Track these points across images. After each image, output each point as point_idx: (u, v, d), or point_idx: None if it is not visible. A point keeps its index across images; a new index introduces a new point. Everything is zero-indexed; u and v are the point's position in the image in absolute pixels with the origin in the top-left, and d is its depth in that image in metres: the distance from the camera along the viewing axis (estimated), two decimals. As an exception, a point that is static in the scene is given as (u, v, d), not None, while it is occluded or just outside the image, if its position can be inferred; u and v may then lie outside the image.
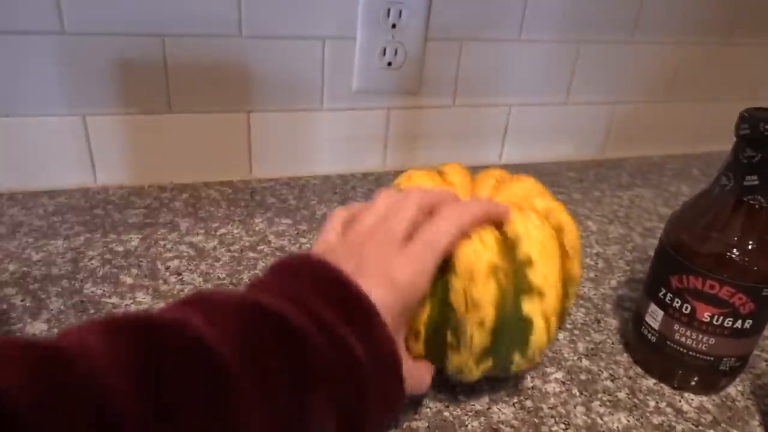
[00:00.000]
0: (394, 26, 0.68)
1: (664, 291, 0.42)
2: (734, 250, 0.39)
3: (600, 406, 0.42)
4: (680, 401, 0.43)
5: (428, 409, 0.40)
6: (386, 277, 0.31)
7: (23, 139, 0.62)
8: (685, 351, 0.42)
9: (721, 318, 0.40)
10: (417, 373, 0.35)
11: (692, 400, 0.43)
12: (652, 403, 0.43)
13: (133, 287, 0.50)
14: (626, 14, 0.79)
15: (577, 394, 0.43)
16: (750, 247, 0.38)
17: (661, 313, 0.43)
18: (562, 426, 0.40)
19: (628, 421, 0.41)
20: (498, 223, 0.36)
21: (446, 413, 0.40)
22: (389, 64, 0.70)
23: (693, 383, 0.43)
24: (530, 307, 0.35)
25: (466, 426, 0.39)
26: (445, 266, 0.34)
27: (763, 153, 0.37)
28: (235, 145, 0.70)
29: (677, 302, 0.42)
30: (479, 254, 0.34)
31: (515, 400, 0.42)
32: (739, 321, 0.40)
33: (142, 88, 0.63)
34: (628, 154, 0.91)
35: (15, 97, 0.60)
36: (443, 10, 0.70)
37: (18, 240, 0.56)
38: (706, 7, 0.82)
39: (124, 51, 0.61)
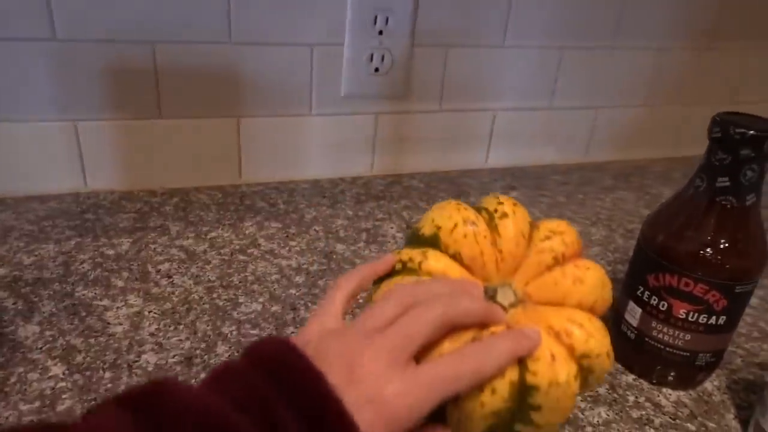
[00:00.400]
0: (381, 33, 0.69)
1: (641, 289, 0.44)
2: (708, 249, 0.40)
3: (581, 401, 0.43)
4: (658, 396, 0.45)
5: (415, 406, 0.41)
6: (378, 399, 0.26)
7: (14, 144, 0.63)
8: (662, 347, 0.44)
9: (696, 314, 0.42)
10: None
11: (670, 394, 0.45)
12: (631, 398, 0.44)
13: (125, 290, 0.51)
14: (607, 21, 0.81)
15: (560, 390, 0.44)
16: (722, 245, 0.40)
17: (639, 311, 0.44)
18: (545, 421, 0.41)
19: (608, 415, 0.42)
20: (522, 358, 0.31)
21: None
22: (377, 69, 0.71)
23: (670, 378, 0.45)
24: (524, 430, 0.32)
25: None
26: None
27: (734, 156, 0.38)
28: (225, 150, 0.71)
29: (654, 300, 0.43)
30: (485, 404, 0.30)
31: (499, 397, 0.43)
32: (714, 317, 0.41)
33: (132, 94, 0.64)
34: (611, 157, 0.93)
35: (6, 102, 0.60)
36: (429, 17, 0.71)
37: (9, 244, 0.56)
38: (686, 14, 0.85)
39: (114, 57, 0.62)
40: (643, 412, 0.43)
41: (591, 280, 0.34)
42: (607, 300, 0.36)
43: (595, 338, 0.32)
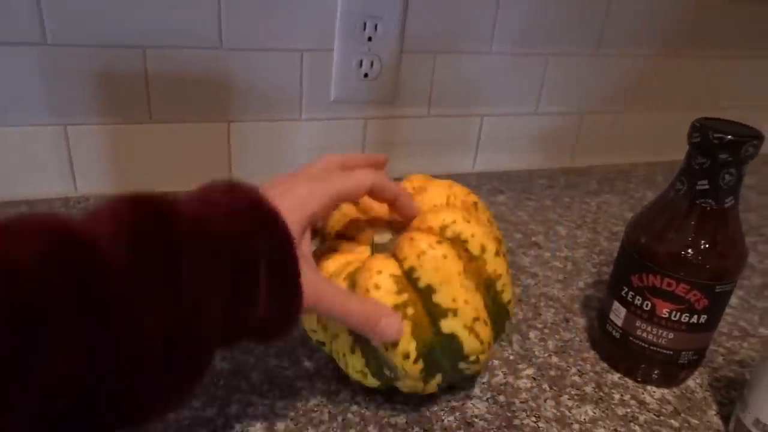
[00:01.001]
0: (370, 39, 0.70)
1: (626, 290, 0.45)
2: (689, 250, 0.41)
3: (568, 399, 0.44)
4: (643, 394, 0.46)
5: (405, 405, 0.42)
6: (288, 191, 0.34)
7: (4, 148, 0.62)
8: (646, 346, 0.45)
9: (679, 314, 0.43)
10: (328, 288, 0.34)
11: (654, 392, 0.46)
12: (617, 396, 0.45)
13: (116, 294, 0.51)
14: (591, 28, 0.83)
15: (547, 388, 0.45)
16: (703, 246, 0.41)
17: (623, 311, 0.46)
18: (533, 419, 0.42)
19: (595, 413, 0.43)
20: (396, 257, 0.37)
21: (423, 408, 0.42)
22: (366, 75, 0.72)
23: (655, 376, 0.46)
24: (449, 324, 0.36)
25: (443, 421, 0.41)
26: None
27: (713, 159, 0.40)
28: (216, 154, 0.71)
29: (638, 300, 0.44)
30: (380, 300, 0.35)
31: (488, 396, 0.44)
32: (695, 316, 0.43)
33: (123, 99, 0.64)
34: (595, 162, 0.94)
35: (-5, 107, 0.61)
36: (417, 24, 0.72)
37: (-1, 249, 0.56)
38: (667, 22, 0.87)
39: (105, 62, 0.62)
40: (629, 410, 0.44)
41: (431, 187, 0.41)
42: (458, 194, 0.41)
43: (445, 212, 0.38)
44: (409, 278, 0.36)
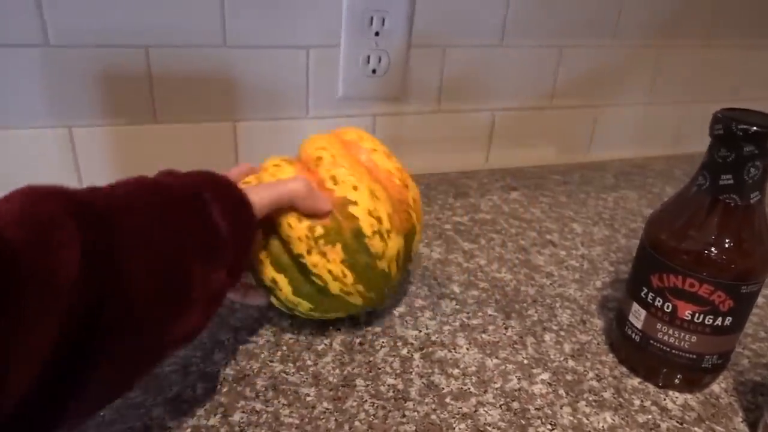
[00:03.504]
0: (377, 34, 0.69)
1: (645, 290, 0.43)
2: (712, 249, 0.39)
3: (586, 406, 0.42)
4: (665, 399, 0.44)
5: (416, 413, 0.40)
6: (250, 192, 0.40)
7: (8, 151, 0.62)
8: (668, 349, 0.43)
9: (702, 316, 0.41)
10: (262, 186, 0.42)
11: (677, 398, 0.44)
12: (637, 402, 0.43)
13: (120, 298, 0.50)
14: (606, 19, 0.80)
15: (564, 394, 0.43)
16: (727, 245, 0.39)
17: (643, 313, 0.43)
18: (549, 426, 0.40)
19: (614, 420, 0.41)
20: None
21: (433, 416, 0.40)
22: (374, 71, 0.71)
23: (677, 381, 0.44)
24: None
25: (454, 429, 0.39)
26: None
27: (737, 152, 0.37)
28: (222, 154, 0.70)
29: (659, 301, 0.42)
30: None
31: (502, 402, 0.42)
32: (720, 318, 0.41)
33: (127, 99, 0.63)
34: (611, 156, 0.92)
35: (0, 109, 0.60)
36: (426, 17, 0.71)
37: (3, 253, 0.55)
38: (684, 11, 0.84)
39: (108, 62, 0.61)
40: (650, 417, 0.42)
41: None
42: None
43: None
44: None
